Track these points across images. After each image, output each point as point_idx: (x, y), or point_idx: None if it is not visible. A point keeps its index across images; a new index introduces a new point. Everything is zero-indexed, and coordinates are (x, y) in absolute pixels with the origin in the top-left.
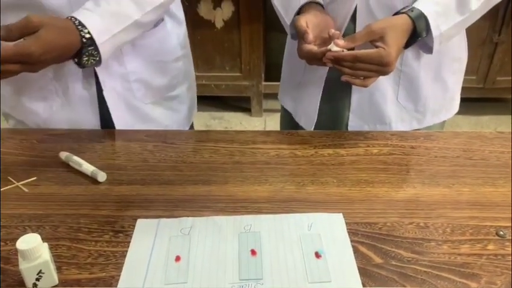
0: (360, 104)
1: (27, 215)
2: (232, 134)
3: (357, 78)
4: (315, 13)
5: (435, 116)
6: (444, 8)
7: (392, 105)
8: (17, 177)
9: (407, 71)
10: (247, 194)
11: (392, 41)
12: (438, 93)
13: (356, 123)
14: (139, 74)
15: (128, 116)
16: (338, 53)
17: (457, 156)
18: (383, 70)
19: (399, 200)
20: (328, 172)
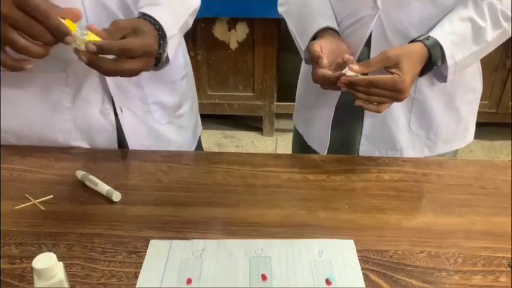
0: (372, 129)
1: (43, 233)
2: (244, 156)
3: (370, 104)
4: (329, 39)
5: (448, 145)
6: (460, 37)
7: (404, 132)
8: (34, 195)
9: (420, 99)
10: (259, 217)
11: (407, 68)
12: (451, 122)
13: (367, 148)
14: (156, 95)
15: (145, 138)
16: (352, 78)
17: (469, 185)
18: (397, 96)
19: (411, 227)
20: (340, 198)
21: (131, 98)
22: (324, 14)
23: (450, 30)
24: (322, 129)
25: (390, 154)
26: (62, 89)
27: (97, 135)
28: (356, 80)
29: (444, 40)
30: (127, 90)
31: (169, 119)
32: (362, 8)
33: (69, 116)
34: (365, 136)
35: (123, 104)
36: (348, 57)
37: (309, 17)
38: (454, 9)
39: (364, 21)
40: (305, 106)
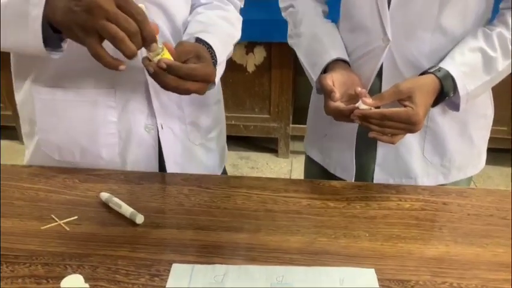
0: (386, 157)
1: (68, 253)
2: (264, 181)
3: (384, 135)
4: (341, 71)
5: (462, 172)
6: (472, 68)
7: (418, 160)
8: (59, 215)
9: (433, 127)
10: (280, 243)
11: (419, 101)
12: (465, 149)
13: (382, 176)
14: (192, 116)
15: (179, 157)
16: (366, 111)
17: (491, 215)
18: (411, 128)
19: (432, 257)
20: (360, 225)
21: (171, 116)
22: (334, 46)
23: (461, 61)
24: (345, 159)
25: (404, 182)
26: (109, 104)
27: (139, 149)
28: (370, 113)
29: (455, 71)
30: (168, 108)
31: (201, 141)
32: (373, 40)
33: (114, 130)
34: (378, 165)
35: (164, 122)
36: (361, 90)
37: (320, 48)
38: (464, 40)
39: (375, 53)
40: (319, 134)
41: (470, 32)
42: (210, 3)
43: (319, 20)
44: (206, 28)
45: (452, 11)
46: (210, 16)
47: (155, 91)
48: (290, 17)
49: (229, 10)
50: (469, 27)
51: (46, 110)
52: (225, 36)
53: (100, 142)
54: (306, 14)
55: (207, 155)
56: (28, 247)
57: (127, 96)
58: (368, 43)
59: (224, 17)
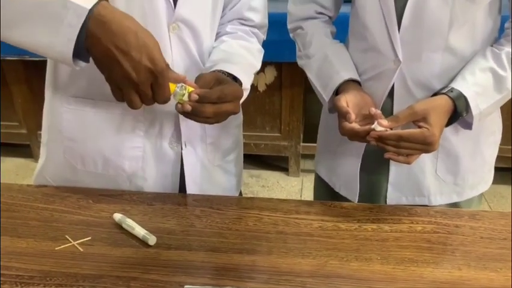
0: (399, 176)
1: (81, 274)
2: (276, 202)
3: (400, 156)
4: (353, 92)
5: (474, 189)
6: (483, 88)
7: (431, 178)
8: (73, 236)
9: (446, 145)
10: (291, 266)
11: (434, 122)
12: (477, 167)
13: (395, 195)
14: (214, 137)
15: (199, 177)
16: (382, 133)
17: (504, 239)
18: (427, 149)
19: (445, 281)
20: (372, 248)
21: (195, 135)
22: (345, 67)
23: (473, 82)
24: (350, 177)
25: (417, 201)
26: (138, 118)
27: (162, 166)
28: (386, 135)
29: (468, 91)
30: (192, 128)
31: (220, 162)
32: (384, 61)
33: (140, 144)
34: (391, 184)
35: (188, 140)
36: (376, 111)
37: (331, 70)
38: (474, 60)
39: (386, 74)
40: (328, 153)
41: (479, 51)
42: (234, 33)
43: (328, 40)
44: (229, 57)
45: (461, 32)
46: (233, 45)
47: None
48: (299, 38)
49: (252, 42)
50: (478, 47)
51: (74, 120)
52: (246, 66)
53: (124, 154)
54: (314, 35)
55: (225, 176)
56: (42, 268)
57: (155, 111)
58: (379, 64)
59: (246, 48)
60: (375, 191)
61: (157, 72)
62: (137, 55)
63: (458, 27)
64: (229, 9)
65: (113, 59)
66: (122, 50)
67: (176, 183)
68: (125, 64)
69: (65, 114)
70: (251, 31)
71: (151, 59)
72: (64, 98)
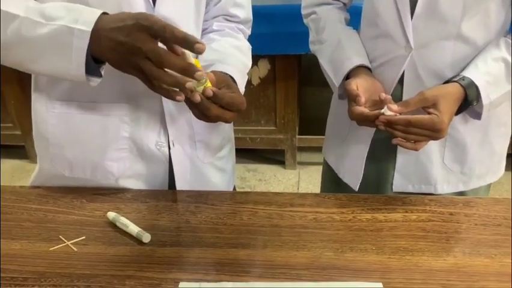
0: (406, 164)
1: (76, 274)
2: (270, 196)
3: (408, 142)
4: (364, 77)
5: (482, 179)
6: (495, 77)
7: (438, 167)
8: (67, 236)
9: (454, 134)
10: (286, 259)
11: (444, 109)
12: (485, 157)
13: (401, 183)
14: (202, 134)
15: (189, 175)
16: (391, 117)
17: (498, 225)
18: (435, 136)
19: (440, 269)
20: (367, 238)
21: (182, 134)
22: (357, 52)
23: (484, 71)
24: (356, 165)
25: (424, 189)
26: (122, 119)
27: (150, 166)
28: (395, 119)
29: (479, 80)
30: (180, 126)
31: (210, 159)
32: (395, 48)
33: (126, 145)
34: (398, 172)
35: (175, 139)
36: (386, 96)
37: (342, 55)
38: (486, 49)
39: (397, 60)
40: (337, 140)
41: (492, 41)
42: (222, 30)
43: (341, 26)
44: (224, 58)
45: (474, 21)
46: (224, 45)
47: (168, 108)
48: (312, 23)
49: (240, 39)
50: (491, 37)
51: (60, 125)
52: (241, 67)
53: (111, 157)
54: (328, 21)
55: (217, 173)
56: (37, 269)
57: (140, 111)
58: (390, 51)
59: (237, 47)
60: (382, 179)
61: (157, 28)
62: (131, 23)
63: (471, 16)
64: (214, 5)
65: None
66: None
67: (166, 182)
68: (126, 39)
69: (50, 119)
70: (237, 27)
71: (144, 19)
72: (48, 103)
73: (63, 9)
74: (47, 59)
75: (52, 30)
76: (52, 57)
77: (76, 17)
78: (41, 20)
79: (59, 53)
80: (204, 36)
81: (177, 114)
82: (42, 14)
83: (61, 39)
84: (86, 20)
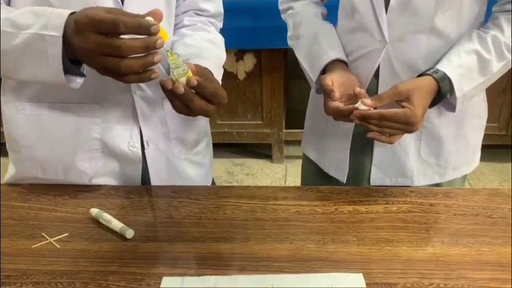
0: (383, 157)
1: (59, 271)
2: (253, 190)
3: (383, 135)
4: (340, 72)
5: (457, 171)
6: (467, 70)
7: (414, 160)
8: (49, 233)
9: (429, 127)
10: (269, 252)
11: (418, 102)
12: (460, 149)
13: (378, 176)
14: (177, 131)
15: (165, 173)
16: (365, 112)
17: (477, 214)
18: (409, 129)
19: (419, 259)
20: (348, 230)
21: (157, 133)
22: (333, 47)
23: (457, 63)
24: (340, 158)
25: (401, 182)
26: (94, 120)
27: (123, 166)
28: (369, 114)
29: (452, 73)
30: (153, 125)
31: (186, 155)
32: (370, 42)
33: (98, 146)
34: (375, 165)
35: (149, 139)
36: (360, 90)
37: (319, 50)
38: (459, 42)
39: (372, 54)
40: (315, 134)
41: (465, 34)
42: (193, 25)
43: (318, 21)
44: (199, 53)
45: (447, 14)
46: (197, 39)
47: (140, 108)
48: (289, 19)
49: (212, 32)
50: (464, 30)
51: (30, 126)
52: (217, 60)
53: (83, 158)
54: (305, 16)
55: (194, 169)
56: (19, 266)
57: (111, 112)
58: (366, 44)
59: (210, 40)
60: (360, 172)
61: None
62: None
63: (444, 10)
64: (183, 0)
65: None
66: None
67: (140, 180)
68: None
69: (20, 121)
70: (208, 21)
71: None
72: (18, 104)
73: (31, 16)
74: (26, 68)
75: (25, 40)
76: (31, 65)
77: (45, 22)
78: (13, 30)
79: (36, 61)
80: (176, 32)
81: (150, 113)
82: (13, 24)
83: (35, 47)
84: (55, 24)
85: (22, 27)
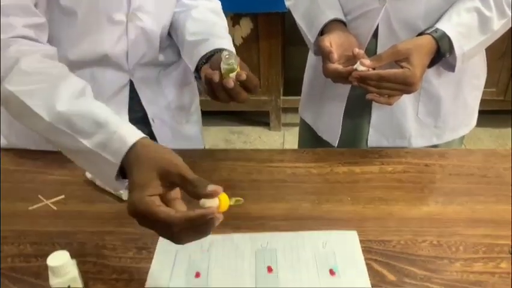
0: (381, 119)
1: (55, 232)
2: (249, 153)
3: (381, 97)
4: (338, 33)
5: (455, 132)
6: (467, 28)
7: (412, 121)
8: (46, 195)
9: (428, 88)
10: (264, 211)
11: (417, 62)
12: (458, 110)
13: (376, 138)
14: (177, 100)
15: (171, 141)
16: (364, 73)
17: (471, 174)
18: (408, 89)
19: (413, 217)
20: (343, 190)
21: (160, 107)
22: (331, 6)
23: (457, 22)
24: (333, 121)
25: (398, 143)
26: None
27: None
28: (368, 74)
29: (452, 32)
30: (156, 102)
31: (186, 119)
32: (369, 1)
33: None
34: (373, 127)
35: (154, 115)
36: (359, 51)
37: (317, 10)
38: (460, 0)
39: (371, 13)
40: (313, 97)
41: None
42: None
43: None
44: (212, 30)
45: None
46: (204, 13)
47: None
48: None
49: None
50: None
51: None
52: (227, 34)
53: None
54: None
55: (194, 128)
56: (16, 227)
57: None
58: (365, 4)
59: (213, 10)
60: (357, 135)
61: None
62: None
63: None
64: None
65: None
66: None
67: None
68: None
69: None
70: None
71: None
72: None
73: (92, 124)
74: (76, 160)
75: (79, 148)
76: (81, 161)
77: (104, 140)
78: (67, 131)
79: (87, 163)
80: (178, 2)
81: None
82: (69, 124)
83: (89, 156)
84: (115, 149)
85: (78, 133)
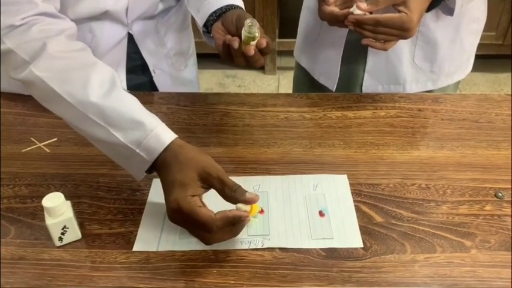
0: (376, 64)
1: (50, 174)
2: (243, 97)
3: (377, 42)
4: None
5: (450, 77)
6: None
7: (408, 66)
8: (38, 138)
9: (425, 32)
10: (257, 156)
11: (414, 6)
12: (455, 54)
13: (371, 83)
14: (176, 47)
15: (170, 87)
16: (360, 17)
17: (463, 119)
18: (404, 35)
19: (403, 162)
20: (335, 135)
21: (160, 57)
22: None
23: None
24: (331, 66)
25: (393, 89)
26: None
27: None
28: (364, 19)
29: None
30: (156, 53)
31: (185, 63)
32: None
33: None
34: (368, 72)
35: (154, 66)
36: None
37: None
38: None
39: None
40: (309, 40)
41: None
42: None
43: None
44: None
45: None
46: None
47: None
48: None
49: None
50: None
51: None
52: None
53: None
54: None
55: (192, 72)
56: (10, 169)
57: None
58: None
59: None
60: (352, 80)
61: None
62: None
63: None
64: None
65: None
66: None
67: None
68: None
69: None
70: None
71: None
72: None
73: (128, 120)
74: (103, 149)
75: (111, 140)
76: (109, 151)
77: (140, 138)
78: (100, 123)
79: (116, 154)
80: None
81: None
82: (103, 117)
83: (120, 149)
84: (150, 148)
85: (112, 126)
